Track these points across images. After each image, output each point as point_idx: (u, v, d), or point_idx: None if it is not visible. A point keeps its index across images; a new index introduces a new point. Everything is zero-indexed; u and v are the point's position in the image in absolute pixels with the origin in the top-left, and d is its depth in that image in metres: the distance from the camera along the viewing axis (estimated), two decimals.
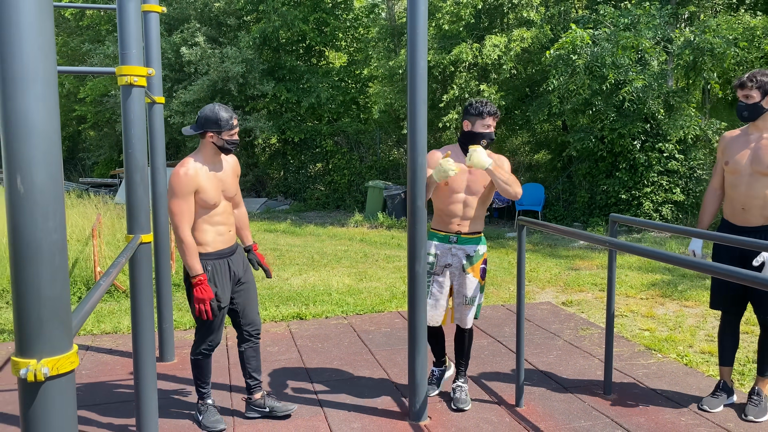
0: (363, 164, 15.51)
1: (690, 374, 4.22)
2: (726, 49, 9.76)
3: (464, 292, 3.64)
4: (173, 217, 3.12)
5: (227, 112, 3.18)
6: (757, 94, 3.40)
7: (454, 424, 3.48)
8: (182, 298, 6.33)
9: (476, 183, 3.60)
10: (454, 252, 3.64)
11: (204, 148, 3.23)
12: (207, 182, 3.19)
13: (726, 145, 3.61)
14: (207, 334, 3.35)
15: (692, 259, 2.25)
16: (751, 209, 3.46)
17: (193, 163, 3.17)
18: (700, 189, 10.97)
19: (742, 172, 3.48)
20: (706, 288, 6.54)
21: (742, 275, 2.04)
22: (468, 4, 11.88)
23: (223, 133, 3.18)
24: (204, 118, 3.16)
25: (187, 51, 14.44)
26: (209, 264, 3.25)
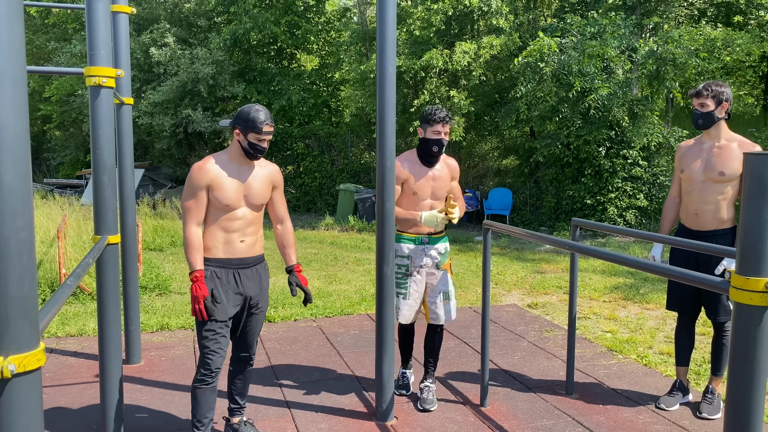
0: (334, 167, 15.53)
1: (649, 374, 4.35)
2: (687, 60, 10.05)
3: (441, 288, 3.79)
4: (182, 211, 2.96)
5: (263, 114, 2.96)
6: (711, 103, 3.54)
7: (420, 423, 3.54)
8: (149, 301, 6.28)
9: (440, 189, 3.76)
10: (428, 252, 3.77)
11: (231, 147, 3.04)
12: (224, 180, 2.95)
13: (682, 154, 3.76)
14: (205, 356, 2.97)
15: (647, 261, 2.35)
16: (704, 214, 3.61)
17: (211, 159, 2.99)
18: (663, 195, 11.25)
19: (696, 180, 3.63)
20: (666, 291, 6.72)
21: (692, 277, 2.13)
22: (438, 10, 12.01)
23: (249, 134, 2.94)
24: (238, 113, 3.00)
25: (156, 51, 14.29)
26: (209, 270, 2.97)
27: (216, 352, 2.98)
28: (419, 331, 5.04)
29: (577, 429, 3.48)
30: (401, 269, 3.74)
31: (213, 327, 2.97)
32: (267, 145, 3.00)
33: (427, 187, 3.70)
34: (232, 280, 3.02)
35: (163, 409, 3.72)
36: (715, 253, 2.95)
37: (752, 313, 1.87)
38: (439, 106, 3.72)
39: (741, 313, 1.90)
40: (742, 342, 1.90)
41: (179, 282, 7.13)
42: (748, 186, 1.88)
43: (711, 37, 11.18)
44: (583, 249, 2.84)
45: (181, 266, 8.11)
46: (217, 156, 3.01)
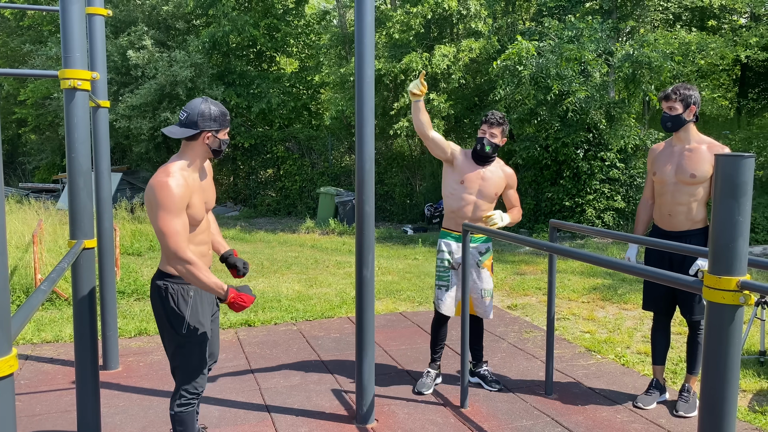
0: (315, 170, 15.49)
1: (627, 374, 4.40)
2: (663, 63, 10.20)
3: (482, 285, 4.01)
4: (167, 238, 2.56)
5: (220, 106, 2.74)
6: (679, 106, 3.61)
7: (400, 426, 3.54)
8: (127, 306, 6.21)
9: (488, 189, 3.96)
10: (467, 249, 3.90)
11: (192, 152, 2.71)
12: (196, 195, 2.71)
13: (654, 157, 3.83)
14: (190, 376, 2.82)
15: (622, 262, 2.38)
16: (676, 215, 3.68)
17: (182, 172, 2.66)
18: (640, 196, 11.39)
19: (668, 182, 3.69)
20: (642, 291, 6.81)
21: (666, 277, 2.17)
22: (418, 14, 12.06)
23: (220, 132, 2.73)
24: (199, 115, 2.66)
25: (134, 54, 14.15)
26: (192, 290, 2.78)
27: (204, 374, 2.87)
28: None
29: (556, 429, 3.51)
30: (444, 263, 3.97)
31: (203, 348, 2.84)
32: None
33: (475, 181, 3.93)
34: (207, 296, 2.91)
35: (141, 415, 3.68)
36: (688, 253, 3.00)
37: (724, 311, 1.90)
38: (497, 111, 3.99)
39: (713, 311, 1.94)
40: (714, 340, 1.94)
41: None
42: (720, 187, 1.91)
43: (685, 41, 11.37)
44: (561, 250, 2.87)
45: None
46: (182, 166, 2.69)
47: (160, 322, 2.81)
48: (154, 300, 2.80)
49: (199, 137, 2.70)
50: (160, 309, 2.78)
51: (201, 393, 2.87)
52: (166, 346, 2.83)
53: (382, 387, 4.13)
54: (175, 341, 2.79)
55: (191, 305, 2.79)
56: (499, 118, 3.91)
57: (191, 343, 2.79)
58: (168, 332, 2.79)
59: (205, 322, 2.85)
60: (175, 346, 2.80)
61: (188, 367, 2.81)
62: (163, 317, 2.77)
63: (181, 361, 2.81)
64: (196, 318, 2.80)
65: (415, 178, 14.39)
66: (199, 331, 2.81)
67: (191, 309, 2.79)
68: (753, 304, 1.91)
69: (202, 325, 2.83)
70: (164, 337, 2.83)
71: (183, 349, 2.79)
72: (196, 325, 2.80)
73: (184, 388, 2.83)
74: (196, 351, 2.81)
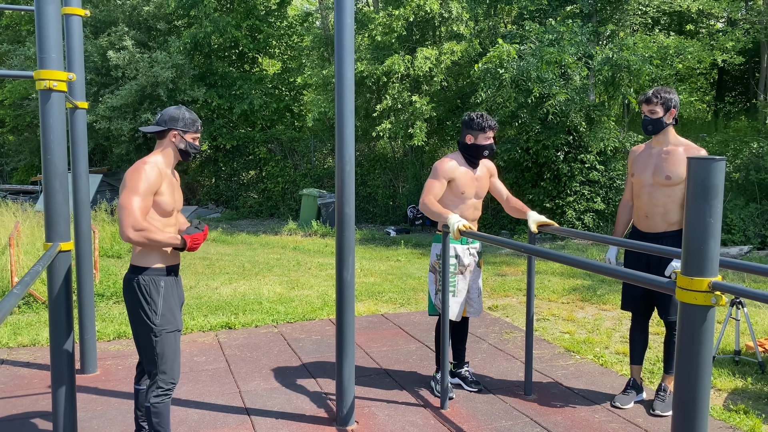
0: (297, 172, 15.45)
1: (605, 374, 4.44)
2: (641, 66, 10.32)
3: (478, 284, 4.08)
4: (125, 212, 2.73)
5: (193, 114, 3.01)
6: (660, 109, 3.66)
7: (380, 427, 3.55)
8: (106, 308, 6.15)
9: (482, 188, 4.03)
10: (471, 252, 4.01)
11: (163, 150, 2.96)
12: (167, 186, 2.92)
13: (633, 159, 3.88)
14: (165, 367, 2.92)
15: (597, 263, 2.41)
16: (653, 217, 3.73)
17: (155, 162, 2.89)
18: (619, 198, 11.51)
19: (645, 183, 3.74)
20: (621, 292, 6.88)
21: (641, 278, 2.20)
22: (400, 16, 12.08)
23: (187, 134, 2.97)
24: (168, 116, 2.94)
25: (114, 55, 14.02)
26: (162, 280, 2.93)
27: (178, 363, 3.00)
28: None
29: (535, 429, 3.54)
30: (450, 268, 3.93)
31: (177, 337, 2.98)
32: None
33: (472, 187, 3.95)
34: (176, 288, 3.05)
35: (119, 418, 3.65)
36: (662, 255, 3.04)
37: (696, 312, 1.93)
38: (484, 114, 3.94)
39: (686, 312, 1.97)
40: (687, 340, 1.97)
41: None
42: (692, 190, 1.95)
43: (664, 45, 11.53)
44: (539, 252, 2.89)
45: None
46: (155, 159, 2.92)
47: (134, 316, 2.94)
48: (128, 294, 2.95)
49: (166, 135, 2.96)
50: (133, 302, 2.92)
51: (176, 383, 2.99)
52: (140, 339, 2.95)
53: (363, 388, 4.13)
54: (149, 332, 2.91)
55: (163, 294, 2.94)
56: (495, 120, 3.96)
57: (166, 331, 2.94)
58: (142, 324, 2.92)
59: (176, 312, 3.00)
60: (150, 337, 2.92)
61: (163, 357, 2.93)
62: (137, 309, 2.92)
63: (157, 352, 2.91)
64: (169, 307, 2.95)
65: (398, 179, 14.41)
66: (172, 320, 2.95)
67: (163, 298, 2.94)
68: (724, 304, 1.95)
69: (174, 315, 2.98)
70: (138, 331, 2.95)
71: (158, 339, 2.92)
72: (168, 313, 2.94)
73: (160, 379, 2.93)
74: (170, 340, 2.95)
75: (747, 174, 11.06)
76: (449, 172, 3.88)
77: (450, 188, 3.92)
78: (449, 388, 3.97)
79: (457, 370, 4.20)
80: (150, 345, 2.92)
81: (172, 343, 2.94)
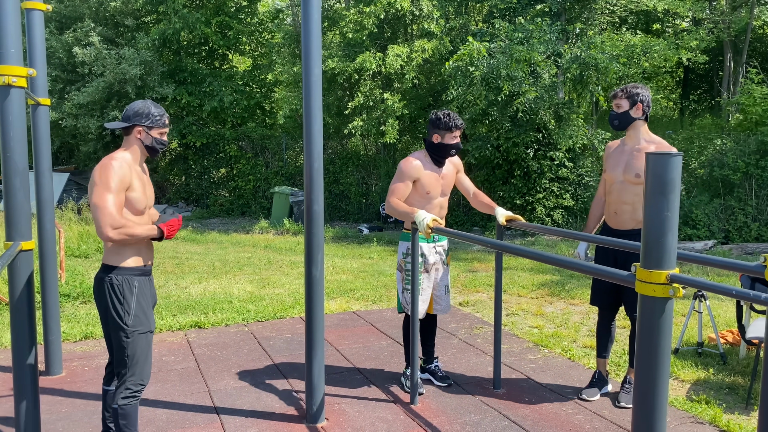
0: (269, 170, 15.35)
1: (573, 367, 4.51)
2: (609, 65, 10.48)
3: (446, 282, 4.09)
4: (101, 212, 2.65)
5: (159, 108, 2.93)
6: (626, 103, 3.71)
7: (350, 424, 3.56)
8: (72, 309, 6.04)
9: (448, 186, 4.01)
10: (438, 250, 4.01)
11: (129, 146, 2.89)
12: (138, 182, 2.85)
13: (608, 155, 3.91)
14: (136, 368, 2.87)
15: (560, 257, 2.45)
16: (622, 214, 3.78)
17: (123, 157, 2.81)
18: (588, 195, 11.69)
19: (616, 180, 3.79)
20: (590, 287, 7.00)
21: (602, 272, 2.24)
22: (371, 13, 12.08)
23: (153, 129, 2.89)
24: (133, 111, 2.86)
25: (80, 51, 13.75)
26: (135, 280, 2.88)
27: (149, 364, 2.95)
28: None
29: (503, 423, 3.58)
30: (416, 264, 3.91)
31: (149, 338, 2.93)
32: None
33: (437, 186, 3.94)
34: (150, 287, 3.00)
35: (84, 420, 3.60)
36: (630, 251, 3.09)
37: (655, 303, 1.98)
38: (452, 113, 3.91)
39: (645, 304, 2.01)
40: (647, 331, 2.01)
41: None
42: (650, 185, 1.99)
43: (631, 44, 11.71)
44: (507, 248, 2.93)
45: None
46: (121, 154, 2.84)
47: (106, 316, 2.89)
48: (99, 294, 2.88)
49: (132, 131, 2.88)
50: (105, 302, 2.86)
51: (145, 385, 2.93)
52: (112, 340, 2.89)
53: (333, 386, 4.13)
54: (122, 333, 2.85)
55: (136, 295, 2.89)
56: (462, 120, 3.92)
57: (138, 332, 2.88)
58: (114, 325, 2.86)
59: (149, 313, 2.94)
60: (121, 338, 2.86)
61: (135, 359, 2.87)
62: (110, 310, 2.85)
63: (128, 353, 2.86)
64: (141, 307, 2.90)
65: (371, 177, 14.42)
66: (144, 321, 2.90)
67: (136, 299, 2.89)
68: (681, 296, 1.99)
69: (146, 315, 2.92)
70: (110, 331, 2.89)
71: (129, 340, 2.86)
72: (141, 314, 2.89)
73: (129, 380, 2.88)
74: (142, 341, 2.89)
75: (711, 170, 11.31)
76: (414, 173, 3.87)
77: (415, 188, 3.90)
78: (419, 383, 3.99)
79: (426, 365, 4.23)
80: (121, 346, 2.86)
81: (143, 344, 2.89)
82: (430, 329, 4.20)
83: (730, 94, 16.10)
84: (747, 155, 10.94)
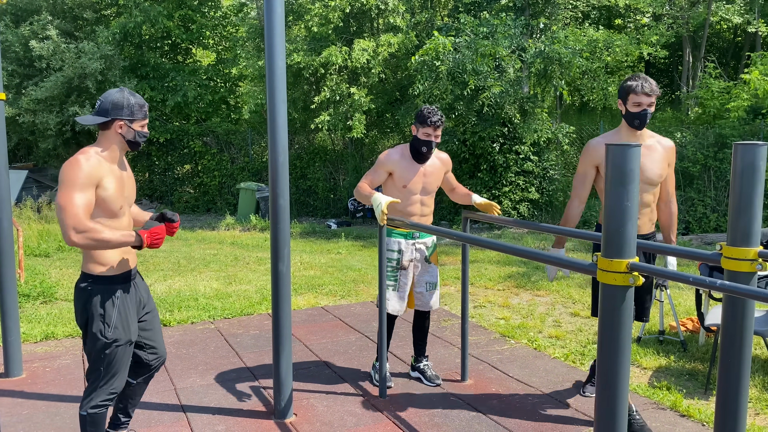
0: (234, 165, 15.17)
1: (539, 357, 4.58)
2: (572, 59, 10.63)
3: (428, 279, 4.01)
4: (64, 212, 2.46)
5: (138, 98, 2.70)
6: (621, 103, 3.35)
7: (319, 418, 3.55)
8: (32, 309, 5.90)
9: (431, 185, 3.91)
10: (418, 246, 3.95)
11: (107, 142, 2.67)
12: (110, 180, 2.63)
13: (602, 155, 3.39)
14: (110, 378, 2.72)
15: (520, 247, 2.47)
16: (641, 216, 3.44)
17: (95, 153, 2.61)
18: (553, 188, 11.85)
19: None
20: (555, 278, 7.11)
21: (566, 262, 2.28)
22: (336, 7, 12.02)
23: (135, 122, 2.68)
24: (111, 103, 2.63)
25: (37, 45, 13.38)
26: (117, 289, 2.71)
27: (125, 375, 2.79)
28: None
29: (470, 414, 3.62)
30: (392, 262, 3.88)
31: (128, 350, 2.77)
32: None
33: (418, 182, 3.85)
34: (133, 293, 2.82)
35: (47, 422, 3.52)
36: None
37: (616, 292, 2.02)
38: (436, 109, 3.79)
39: (606, 292, 2.05)
40: (608, 319, 2.05)
41: (66, 288, 6.74)
42: (610, 175, 2.03)
43: (593, 39, 11.89)
44: (472, 240, 2.95)
45: (69, 271, 7.66)
46: (95, 151, 2.63)
47: (85, 326, 2.71)
48: (78, 303, 2.71)
49: (111, 126, 2.66)
50: (84, 312, 2.69)
51: (117, 394, 2.81)
52: (89, 349, 2.72)
53: (302, 381, 4.12)
54: (100, 345, 2.69)
55: (118, 306, 2.72)
56: (441, 117, 3.76)
57: (118, 344, 2.72)
58: (92, 336, 2.69)
59: (132, 323, 2.78)
60: (100, 349, 2.70)
61: (110, 370, 2.73)
62: (89, 320, 2.69)
63: (104, 363, 2.71)
64: (123, 318, 2.73)
65: (339, 172, 14.38)
66: (126, 332, 2.74)
67: (118, 310, 2.72)
68: (641, 284, 2.04)
69: (128, 325, 2.76)
70: (87, 341, 2.72)
71: (107, 352, 2.70)
72: (121, 325, 2.72)
73: (102, 389, 2.74)
74: (121, 353, 2.74)
75: None
76: (387, 164, 3.84)
77: (393, 181, 3.86)
78: (387, 377, 4.00)
79: (417, 363, 4.17)
80: (98, 358, 2.70)
81: (122, 356, 2.74)
82: (420, 327, 4.12)
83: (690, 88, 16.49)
84: (706, 148, 11.22)
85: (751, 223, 2.30)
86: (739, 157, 2.29)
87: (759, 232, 2.37)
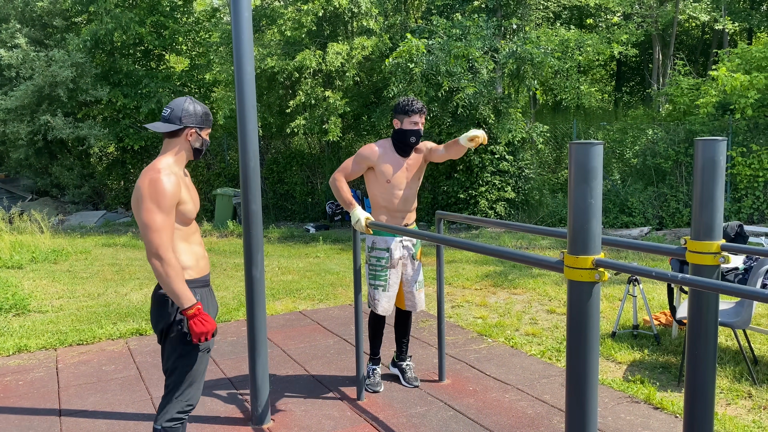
0: (210, 171, 15.08)
1: (515, 355, 4.62)
2: (544, 59, 10.74)
3: (416, 277, 3.97)
4: (151, 233, 2.46)
5: (204, 106, 2.72)
6: None
7: (296, 423, 3.54)
8: (5, 322, 5.80)
9: (414, 176, 3.86)
10: (405, 244, 3.90)
11: (177, 150, 2.65)
12: (186, 193, 2.64)
13: None
14: (187, 388, 2.66)
15: (492, 246, 2.50)
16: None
17: (169, 169, 2.58)
18: (528, 186, 11.96)
19: None
20: (532, 276, 7.17)
21: (531, 258, 2.31)
22: (309, 11, 12.01)
23: (203, 130, 2.70)
24: (183, 111, 2.62)
25: (5, 53, 13.18)
26: (197, 293, 2.64)
27: (201, 385, 2.73)
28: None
29: (448, 413, 3.64)
30: (380, 261, 3.82)
31: (204, 358, 2.69)
32: None
33: (402, 177, 3.79)
34: (211, 298, 2.77)
35: None
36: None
37: (583, 288, 2.05)
38: (414, 98, 3.77)
39: (573, 289, 2.08)
40: (576, 314, 2.08)
41: (39, 300, 6.64)
42: (574, 173, 2.06)
43: (565, 39, 12.04)
44: (445, 240, 2.97)
45: (42, 283, 7.55)
46: (166, 163, 2.61)
47: (167, 333, 2.64)
48: (160, 311, 2.63)
49: (182, 134, 2.66)
50: (167, 318, 2.61)
51: (194, 406, 2.72)
52: (167, 356, 2.66)
53: (279, 386, 4.11)
54: (181, 349, 2.62)
55: None
56: (424, 105, 3.77)
57: (201, 350, 2.67)
58: (174, 342, 2.62)
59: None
60: (181, 354, 2.63)
61: (188, 379, 2.66)
62: (170, 326, 2.61)
63: (184, 370, 2.64)
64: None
65: (316, 176, 14.35)
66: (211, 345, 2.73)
67: None
68: (607, 280, 2.07)
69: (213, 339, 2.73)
70: (166, 349, 2.66)
71: (189, 357, 2.64)
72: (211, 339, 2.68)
73: (177, 399, 2.65)
74: (203, 360, 2.69)
75: (644, 159, 11.74)
76: (370, 158, 3.76)
77: (375, 176, 3.79)
78: (378, 382, 4.00)
79: (398, 361, 4.16)
80: (179, 363, 2.63)
81: (200, 364, 2.68)
82: (403, 326, 4.11)
83: (660, 85, 16.75)
84: (677, 144, 11.40)
85: (713, 216, 2.35)
86: (700, 152, 2.34)
87: (721, 226, 2.42)
